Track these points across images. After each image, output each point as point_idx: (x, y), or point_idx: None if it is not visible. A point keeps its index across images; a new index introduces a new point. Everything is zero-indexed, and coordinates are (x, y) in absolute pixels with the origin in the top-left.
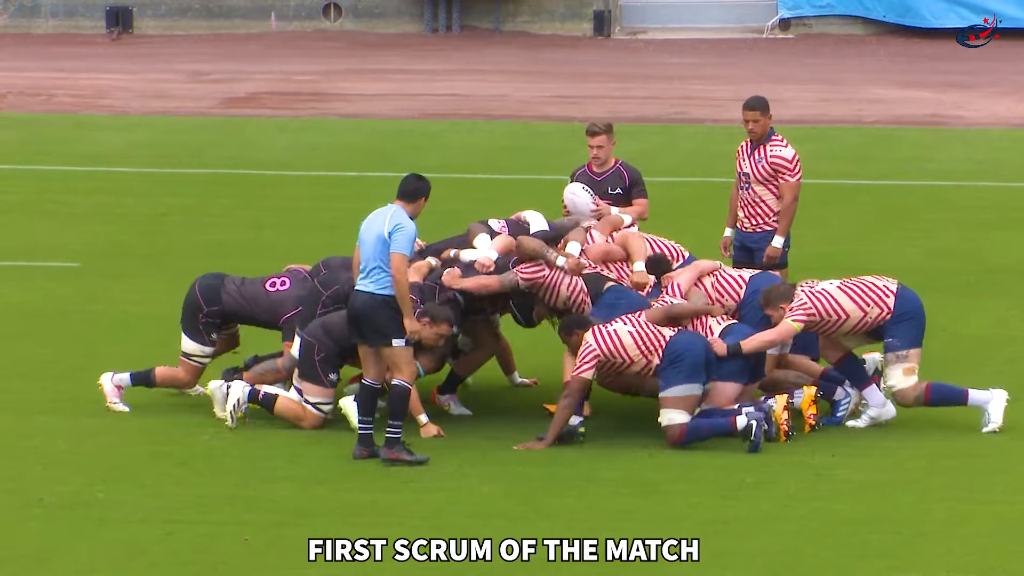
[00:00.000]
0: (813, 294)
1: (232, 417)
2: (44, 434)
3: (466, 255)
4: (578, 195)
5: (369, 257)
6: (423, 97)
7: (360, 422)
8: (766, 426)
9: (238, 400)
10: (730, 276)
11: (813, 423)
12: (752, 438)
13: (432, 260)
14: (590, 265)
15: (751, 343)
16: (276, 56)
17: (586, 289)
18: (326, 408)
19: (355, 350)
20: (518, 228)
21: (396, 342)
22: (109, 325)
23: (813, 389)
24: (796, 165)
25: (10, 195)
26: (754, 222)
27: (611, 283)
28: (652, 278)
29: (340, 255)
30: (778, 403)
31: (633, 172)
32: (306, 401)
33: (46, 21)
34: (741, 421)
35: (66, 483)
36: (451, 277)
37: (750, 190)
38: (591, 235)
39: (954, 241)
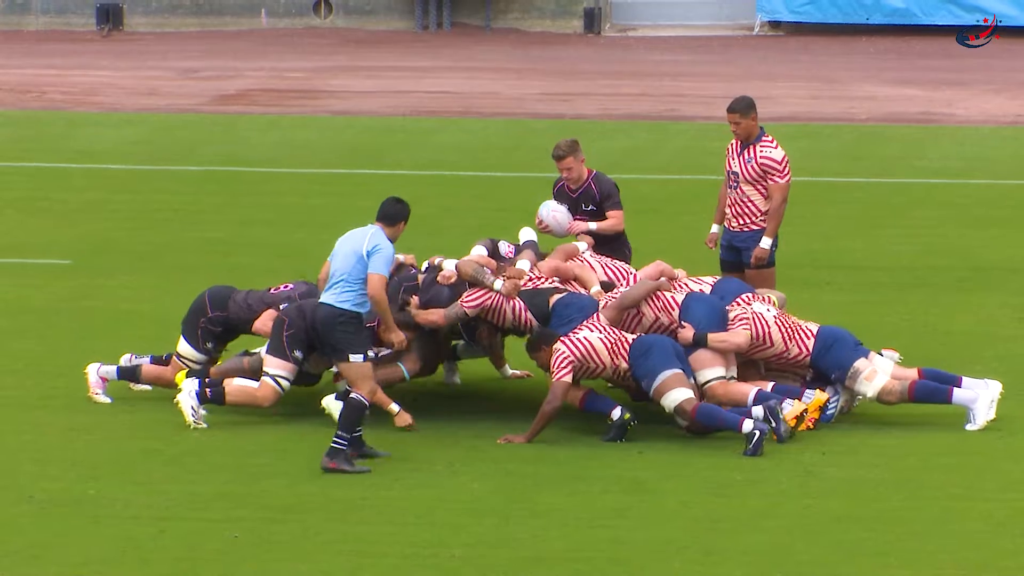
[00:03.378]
0: (754, 316)
1: (197, 422)
2: (36, 430)
3: (448, 264)
4: (559, 212)
5: (339, 271)
6: (414, 94)
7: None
8: (774, 423)
9: (192, 408)
10: (692, 284)
11: (812, 426)
12: (750, 445)
13: (400, 257)
14: (542, 279)
15: (717, 341)
16: (267, 53)
17: (527, 307)
18: (284, 383)
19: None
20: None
21: (353, 358)
22: (101, 322)
23: (825, 397)
24: (785, 167)
25: (1, 192)
26: (741, 221)
27: (556, 296)
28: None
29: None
30: (794, 409)
31: (604, 186)
32: (266, 374)
33: (36, 18)
34: (747, 425)
35: (57, 480)
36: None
37: (738, 189)
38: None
39: (944, 238)
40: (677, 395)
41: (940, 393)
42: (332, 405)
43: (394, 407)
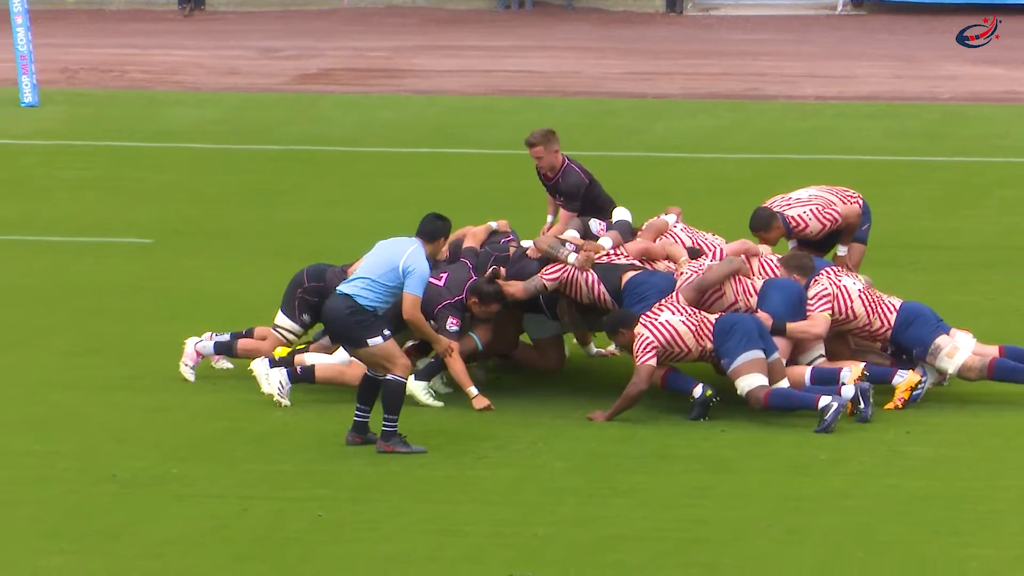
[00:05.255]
0: (835, 287)
1: (282, 397)
2: (117, 410)
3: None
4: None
5: (368, 271)
6: (495, 73)
7: (357, 410)
8: (863, 405)
9: (280, 383)
10: (775, 260)
11: (900, 405)
12: (826, 418)
13: (493, 224)
14: (618, 255)
15: (796, 332)
16: (348, 32)
17: (600, 280)
18: None
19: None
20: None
21: (372, 342)
22: (181, 301)
23: (917, 378)
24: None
25: (83, 171)
26: None
27: (629, 274)
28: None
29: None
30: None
31: (569, 185)
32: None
33: None
34: (824, 400)
35: (140, 459)
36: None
37: None
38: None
39: None
40: (751, 381)
41: (1020, 373)
42: (413, 387)
43: (472, 390)
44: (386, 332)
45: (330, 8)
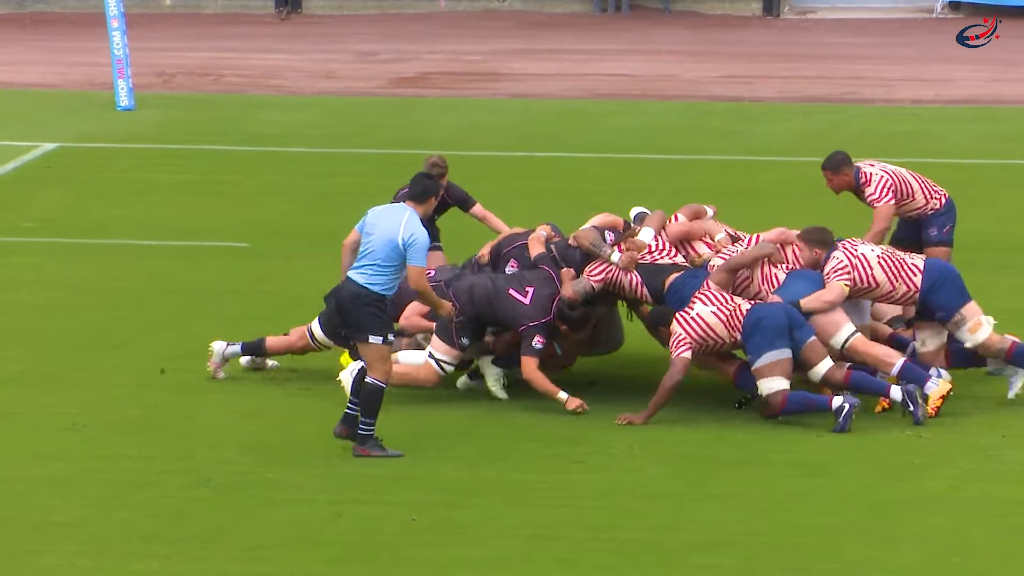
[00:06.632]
0: (853, 257)
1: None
2: (213, 414)
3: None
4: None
5: (371, 252)
6: (592, 77)
7: (350, 402)
8: (912, 407)
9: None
10: None
11: (933, 415)
12: (840, 420)
13: (542, 232)
14: (666, 250)
15: (810, 302)
16: (445, 36)
17: (643, 282)
18: (448, 367)
19: (493, 320)
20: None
21: (372, 339)
22: (278, 305)
23: (948, 387)
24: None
25: (180, 175)
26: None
27: (673, 276)
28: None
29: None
30: (940, 388)
31: (457, 191)
32: (431, 356)
33: (215, 1)
34: (836, 401)
35: (234, 463)
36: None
37: None
38: (675, 216)
39: None
40: (772, 384)
41: None
42: (487, 369)
43: (562, 395)
44: (390, 336)
45: (427, 11)
